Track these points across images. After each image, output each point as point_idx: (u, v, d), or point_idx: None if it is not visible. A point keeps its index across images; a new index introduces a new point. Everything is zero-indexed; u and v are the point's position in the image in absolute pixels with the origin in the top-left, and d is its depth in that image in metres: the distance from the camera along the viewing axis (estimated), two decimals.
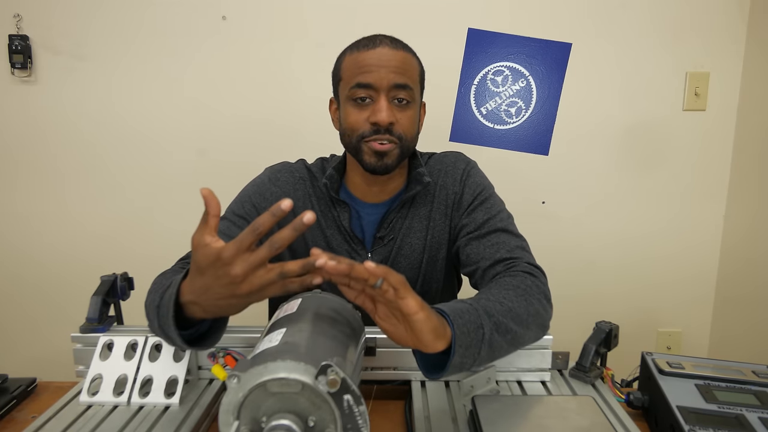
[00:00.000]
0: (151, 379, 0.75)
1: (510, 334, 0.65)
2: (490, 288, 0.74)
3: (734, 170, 1.69)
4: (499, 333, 0.63)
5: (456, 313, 0.60)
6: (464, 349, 0.59)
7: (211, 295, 0.58)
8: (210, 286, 0.57)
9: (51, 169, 1.69)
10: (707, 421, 0.64)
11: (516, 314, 0.67)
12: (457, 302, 0.64)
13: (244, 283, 0.55)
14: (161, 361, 0.77)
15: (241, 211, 0.92)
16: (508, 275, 0.79)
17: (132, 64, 1.64)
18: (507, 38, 1.61)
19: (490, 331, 0.62)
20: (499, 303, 0.67)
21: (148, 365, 0.76)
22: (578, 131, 1.68)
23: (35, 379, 0.83)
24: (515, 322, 0.66)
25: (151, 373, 0.75)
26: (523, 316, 0.68)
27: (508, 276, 0.79)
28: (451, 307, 0.61)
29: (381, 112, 0.84)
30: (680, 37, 1.62)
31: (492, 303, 0.66)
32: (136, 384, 0.74)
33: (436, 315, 0.58)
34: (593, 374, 0.79)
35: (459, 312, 0.60)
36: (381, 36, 0.88)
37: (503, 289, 0.72)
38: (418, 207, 0.95)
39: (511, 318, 0.66)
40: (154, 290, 0.70)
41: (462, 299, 0.66)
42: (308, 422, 0.51)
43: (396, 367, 0.80)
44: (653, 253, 1.75)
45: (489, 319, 0.63)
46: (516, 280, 0.76)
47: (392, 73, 0.84)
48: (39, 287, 1.75)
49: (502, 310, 0.66)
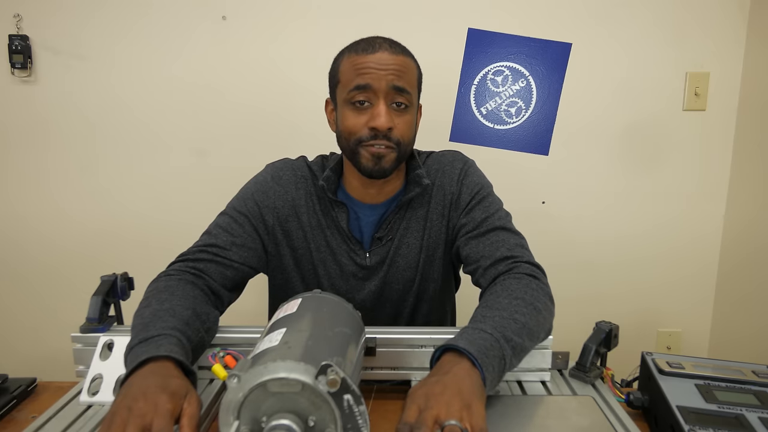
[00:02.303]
0: None
1: (524, 352, 0.70)
2: (498, 296, 0.75)
3: (734, 170, 1.69)
4: (516, 355, 0.68)
5: (481, 352, 0.63)
6: (490, 383, 0.62)
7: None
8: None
9: (51, 169, 1.69)
10: (707, 421, 0.64)
11: (529, 330, 0.70)
12: (480, 335, 0.65)
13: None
14: None
15: (243, 208, 0.92)
16: (512, 277, 0.80)
17: (132, 64, 1.64)
18: (507, 38, 1.61)
19: (509, 357, 0.66)
20: (514, 320, 0.69)
21: None
22: (578, 131, 1.68)
23: (35, 379, 0.83)
24: (529, 338, 0.70)
25: None
26: (534, 331, 0.72)
27: (512, 278, 0.80)
28: (478, 347, 0.63)
29: (380, 117, 0.84)
30: (680, 37, 1.62)
31: (507, 322, 0.68)
32: None
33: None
34: (593, 374, 0.79)
35: (484, 350, 0.63)
36: (380, 39, 0.87)
37: (513, 299, 0.74)
38: (415, 207, 0.95)
39: (526, 335, 0.69)
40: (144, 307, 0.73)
41: (482, 326, 0.67)
42: (308, 422, 0.51)
43: (396, 367, 0.80)
44: (653, 253, 1.75)
45: (508, 345, 0.66)
46: (521, 284, 0.77)
47: (391, 76, 0.84)
48: (39, 287, 1.75)
49: (517, 329, 0.68)
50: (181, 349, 0.66)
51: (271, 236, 0.94)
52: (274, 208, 0.94)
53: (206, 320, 0.76)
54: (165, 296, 0.74)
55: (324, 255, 0.95)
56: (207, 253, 0.86)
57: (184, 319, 0.71)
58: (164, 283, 0.79)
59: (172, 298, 0.74)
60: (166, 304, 0.72)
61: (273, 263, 0.96)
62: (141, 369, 0.61)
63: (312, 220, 0.95)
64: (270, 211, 0.93)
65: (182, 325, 0.70)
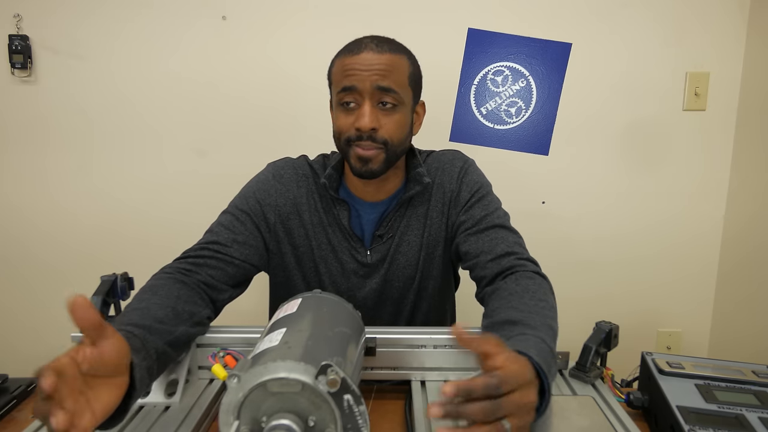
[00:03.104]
0: None
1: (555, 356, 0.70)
2: (523, 297, 0.75)
3: (734, 170, 1.69)
4: (554, 359, 0.68)
5: (543, 359, 0.60)
6: (549, 391, 0.61)
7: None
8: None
9: (51, 169, 1.69)
10: (707, 421, 0.64)
11: (555, 333, 0.71)
12: (543, 347, 0.63)
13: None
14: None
15: (245, 206, 0.93)
16: (526, 277, 0.81)
17: (132, 64, 1.64)
18: (507, 38, 1.61)
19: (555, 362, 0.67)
20: (549, 326, 0.70)
21: None
22: (578, 131, 1.68)
23: (35, 379, 0.83)
24: (555, 341, 0.71)
25: None
26: (557, 332, 0.73)
27: (526, 278, 0.80)
28: (540, 356, 0.61)
29: (363, 117, 0.85)
30: (680, 37, 1.62)
31: (548, 331, 0.69)
32: None
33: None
34: (593, 374, 0.79)
35: (545, 358, 0.61)
36: (367, 39, 0.88)
37: (538, 301, 0.75)
38: (415, 205, 0.96)
39: (555, 340, 0.70)
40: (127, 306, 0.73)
41: (540, 335, 0.66)
42: (308, 422, 0.51)
43: (396, 367, 0.80)
44: (653, 253, 1.75)
45: (552, 353, 0.66)
46: (536, 284, 0.79)
47: (375, 77, 0.84)
48: (39, 287, 1.75)
49: (552, 335, 0.69)
50: (129, 341, 0.60)
51: (272, 234, 0.94)
52: (275, 206, 0.94)
53: (188, 318, 0.74)
54: (147, 296, 0.74)
55: (325, 253, 0.95)
56: (209, 250, 0.86)
57: (155, 317, 0.69)
58: (152, 282, 0.79)
59: (152, 297, 0.73)
60: (143, 303, 0.72)
61: (274, 261, 0.97)
62: None
63: (314, 218, 0.95)
64: (272, 209, 0.94)
65: (149, 321, 0.67)
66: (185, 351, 0.75)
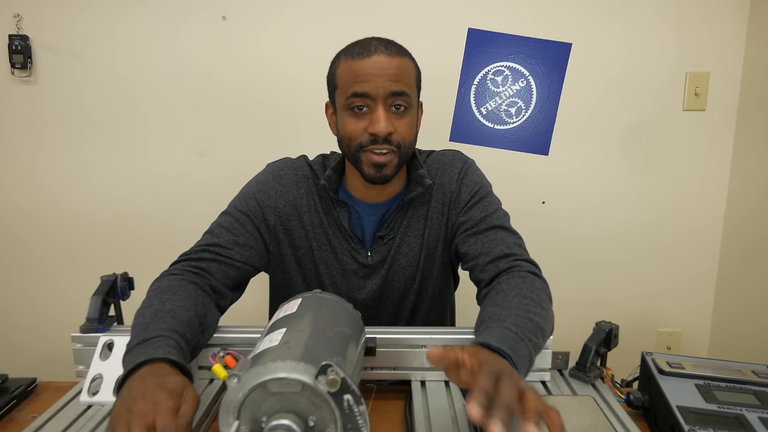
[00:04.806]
0: None
1: (538, 350, 0.70)
2: (507, 294, 0.76)
3: (734, 170, 1.69)
4: (536, 352, 0.69)
5: (515, 352, 0.63)
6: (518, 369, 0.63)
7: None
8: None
9: (52, 168, 1.69)
10: (707, 421, 0.64)
11: (542, 330, 0.72)
12: (507, 333, 0.66)
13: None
14: None
15: (245, 207, 0.92)
16: (517, 276, 0.80)
17: (132, 64, 1.64)
18: (507, 38, 1.61)
19: (533, 357, 0.68)
20: (529, 320, 0.70)
21: None
22: (578, 131, 1.68)
23: (35, 379, 0.83)
24: (542, 338, 0.72)
25: None
26: (545, 330, 0.73)
27: (517, 276, 0.80)
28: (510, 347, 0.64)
29: (379, 122, 0.83)
30: (680, 37, 1.62)
31: (524, 322, 0.69)
32: None
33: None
34: (593, 374, 0.79)
35: (516, 350, 0.64)
36: (375, 42, 0.85)
37: (522, 298, 0.74)
38: (416, 206, 0.96)
39: (540, 335, 0.71)
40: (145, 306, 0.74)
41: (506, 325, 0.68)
42: (308, 422, 0.51)
43: (396, 367, 0.80)
44: (653, 253, 1.75)
45: (531, 344, 0.67)
46: (526, 282, 0.78)
47: (389, 81, 0.82)
48: (39, 287, 1.75)
49: (532, 328, 0.69)
50: (178, 351, 0.66)
51: (272, 235, 0.94)
52: (275, 208, 0.94)
53: (204, 322, 0.76)
54: (167, 296, 0.74)
55: (325, 254, 0.95)
56: (209, 253, 0.86)
57: (184, 321, 0.71)
58: (167, 282, 0.79)
59: (174, 299, 0.74)
60: (167, 304, 0.73)
61: (274, 262, 0.96)
62: (138, 370, 0.61)
63: (314, 219, 0.95)
64: (271, 211, 0.94)
65: (181, 327, 0.70)
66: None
